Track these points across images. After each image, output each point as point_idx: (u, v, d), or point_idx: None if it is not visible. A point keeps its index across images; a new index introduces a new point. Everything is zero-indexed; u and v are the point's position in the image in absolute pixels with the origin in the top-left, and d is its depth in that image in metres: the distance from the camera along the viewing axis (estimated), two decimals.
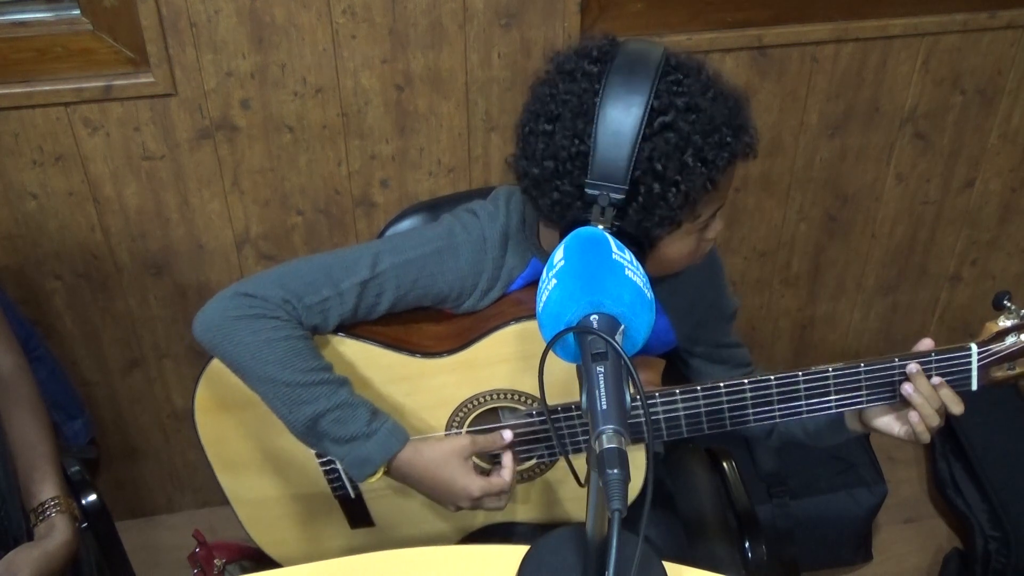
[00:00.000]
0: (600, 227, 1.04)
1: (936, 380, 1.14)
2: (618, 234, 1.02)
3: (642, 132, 1.03)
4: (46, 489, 1.30)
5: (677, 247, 1.14)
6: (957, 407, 1.15)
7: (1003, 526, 2.00)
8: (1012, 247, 2.27)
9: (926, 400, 1.14)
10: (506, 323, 1.19)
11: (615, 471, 0.76)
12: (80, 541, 1.32)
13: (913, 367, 1.13)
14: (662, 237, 1.10)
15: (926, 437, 1.16)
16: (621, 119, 1.03)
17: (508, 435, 1.23)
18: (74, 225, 1.79)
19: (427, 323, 1.26)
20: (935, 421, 1.15)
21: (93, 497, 1.46)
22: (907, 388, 1.14)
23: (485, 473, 1.25)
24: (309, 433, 1.15)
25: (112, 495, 2.14)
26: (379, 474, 1.17)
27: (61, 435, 1.82)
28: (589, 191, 1.05)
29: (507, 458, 1.24)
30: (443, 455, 1.20)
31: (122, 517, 2.16)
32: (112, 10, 1.59)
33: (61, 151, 1.70)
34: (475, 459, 1.26)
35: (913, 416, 1.15)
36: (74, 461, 1.49)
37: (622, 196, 1.04)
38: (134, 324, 1.94)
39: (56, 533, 1.27)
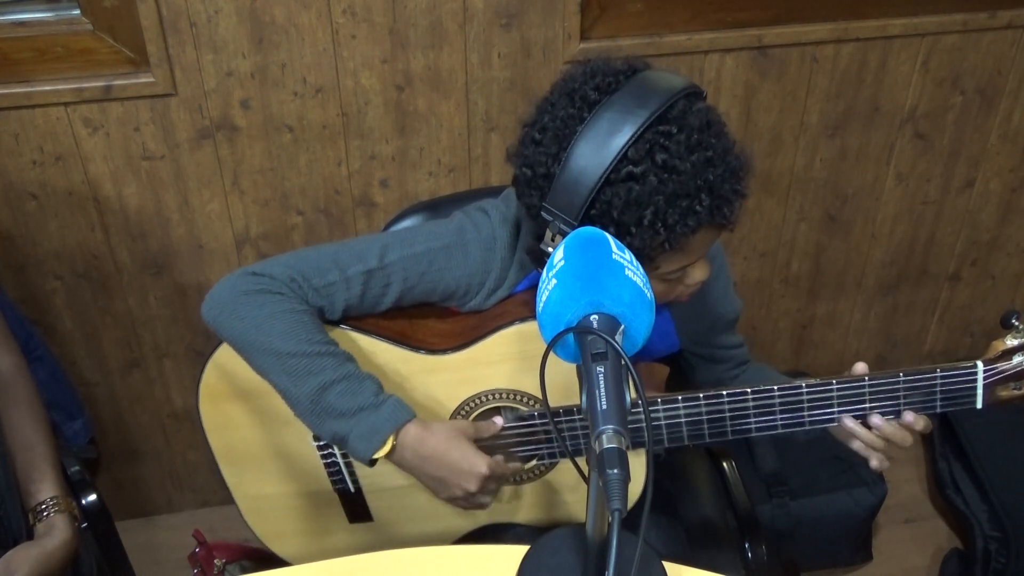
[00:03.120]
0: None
1: (877, 420, 1.16)
2: None
3: (606, 176, 1.02)
4: (45, 489, 1.31)
5: None
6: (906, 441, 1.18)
7: (1003, 526, 2.00)
8: (1012, 247, 2.27)
9: (879, 438, 1.17)
10: (509, 323, 1.19)
11: (615, 471, 0.76)
12: (80, 541, 1.32)
13: (876, 420, 1.16)
14: None
15: (877, 461, 1.20)
16: (591, 157, 1.02)
17: (499, 420, 1.23)
18: (74, 225, 1.79)
19: (432, 320, 1.26)
20: (879, 445, 1.18)
21: (93, 497, 1.46)
22: (875, 420, 1.16)
23: None
24: (314, 408, 1.12)
25: (112, 495, 2.14)
26: (387, 447, 1.12)
27: (61, 435, 1.82)
28: (544, 215, 1.06)
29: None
30: (452, 432, 1.17)
31: (122, 517, 2.16)
32: (112, 10, 1.59)
33: (61, 151, 1.70)
34: None
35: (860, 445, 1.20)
36: (74, 461, 1.49)
37: (571, 231, 1.03)
38: (134, 324, 1.94)
39: (55, 532, 1.27)
